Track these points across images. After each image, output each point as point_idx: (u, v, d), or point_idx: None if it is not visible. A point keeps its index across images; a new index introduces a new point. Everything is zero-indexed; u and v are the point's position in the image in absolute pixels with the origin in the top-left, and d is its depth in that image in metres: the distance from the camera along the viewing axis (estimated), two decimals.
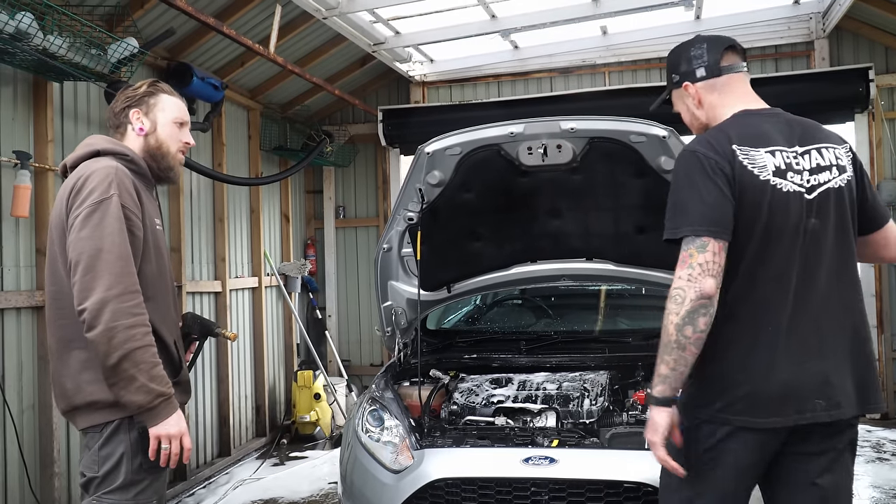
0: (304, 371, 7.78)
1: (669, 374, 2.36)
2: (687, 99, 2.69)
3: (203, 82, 6.15)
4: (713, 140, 2.46)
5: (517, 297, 5.52)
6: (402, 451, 3.59)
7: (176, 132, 2.89)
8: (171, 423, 2.54)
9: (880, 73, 7.53)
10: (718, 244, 2.33)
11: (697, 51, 2.66)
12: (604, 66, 8.39)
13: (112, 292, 2.45)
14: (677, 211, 2.42)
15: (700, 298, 2.29)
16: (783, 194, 2.41)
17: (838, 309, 2.46)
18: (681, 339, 2.31)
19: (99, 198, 2.55)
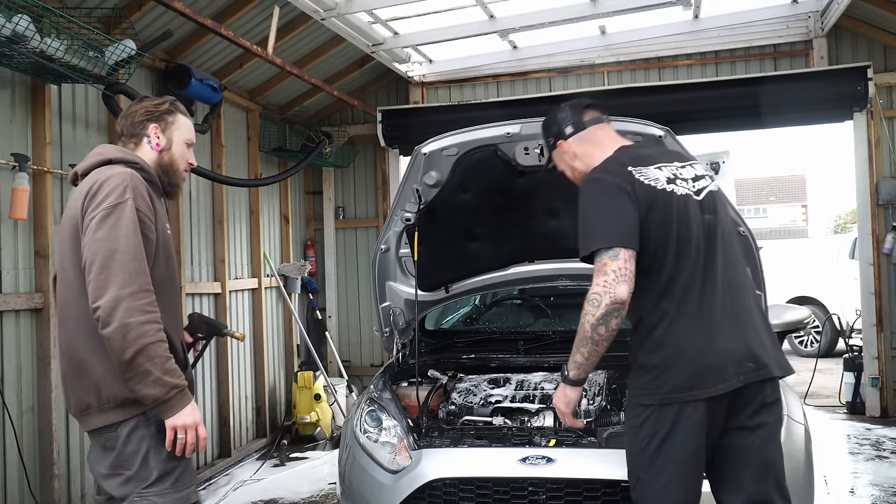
0: (304, 372, 7.79)
1: (583, 363, 2.80)
2: (564, 155, 3.09)
3: (201, 84, 6.16)
4: (609, 167, 2.86)
5: (515, 297, 5.52)
6: (400, 451, 3.60)
7: (185, 152, 3.04)
8: (185, 414, 2.63)
9: (879, 71, 7.54)
10: (628, 253, 2.66)
11: (562, 114, 3.10)
12: (602, 66, 8.39)
13: (126, 290, 2.54)
14: (588, 230, 2.76)
15: (614, 303, 2.63)
16: (680, 197, 2.81)
17: (740, 289, 2.87)
18: (595, 336, 2.70)
19: (115, 201, 2.65)
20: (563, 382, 2.92)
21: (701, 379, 2.68)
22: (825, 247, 14.28)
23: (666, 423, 2.71)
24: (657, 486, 2.75)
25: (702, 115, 7.59)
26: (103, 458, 2.75)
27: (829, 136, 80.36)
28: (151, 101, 3.01)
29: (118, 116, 3.08)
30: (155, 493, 2.68)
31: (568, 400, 2.94)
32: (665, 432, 2.72)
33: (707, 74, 8.12)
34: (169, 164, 2.98)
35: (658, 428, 2.73)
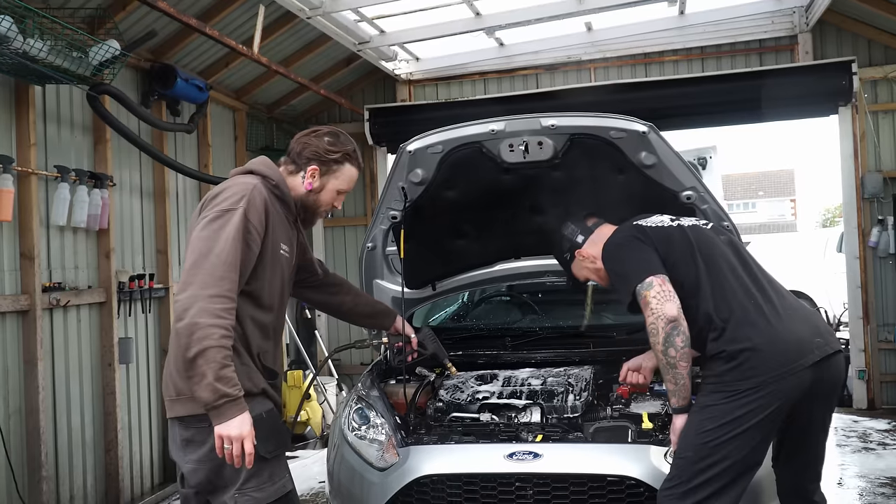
0: (294, 371, 7.77)
1: (676, 389, 2.93)
2: (584, 261, 3.37)
3: (187, 83, 6.16)
4: (619, 231, 3.26)
5: (503, 294, 5.53)
6: (387, 448, 3.60)
7: (334, 198, 3.09)
8: (233, 425, 2.59)
9: (863, 66, 7.58)
10: (659, 278, 2.91)
11: (567, 229, 3.45)
12: (589, 63, 8.42)
13: (206, 291, 2.59)
14: (620, 281, 3.07)
15: (668, 323, 2.82)
16: (690, 227, 3.19)
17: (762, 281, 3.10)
18: (669, 360, 2.85)
19: (228, 206, 2.73)
20: (673, 414, 3.04)
21: (784, 359, 2.84)
22: (813, 241, 14.39)
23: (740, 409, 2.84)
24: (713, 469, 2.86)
25: (688, 110, 7.62)
26: (190, 451, 2.78)
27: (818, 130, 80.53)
28: (330, 144, 3.02)
29: (295, 135, 3.12)
30: (253, 489, 2.74)
31: (675, 429, 3.02)
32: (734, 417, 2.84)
33: (693, 70, 8.15)
34: (312, 203, 3.04)
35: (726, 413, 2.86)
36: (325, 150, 3.00)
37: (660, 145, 3.61)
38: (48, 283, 5.04)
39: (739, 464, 2.87)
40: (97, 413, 5.54)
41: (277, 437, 2.88)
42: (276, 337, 3.05)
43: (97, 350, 5.56)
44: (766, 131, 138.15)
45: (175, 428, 2.84)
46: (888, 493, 5.34)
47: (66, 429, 5.22)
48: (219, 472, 2.74)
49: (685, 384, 2.89)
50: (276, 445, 2.84)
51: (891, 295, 7.73)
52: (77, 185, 5.21)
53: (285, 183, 2.97)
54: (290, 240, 3.03)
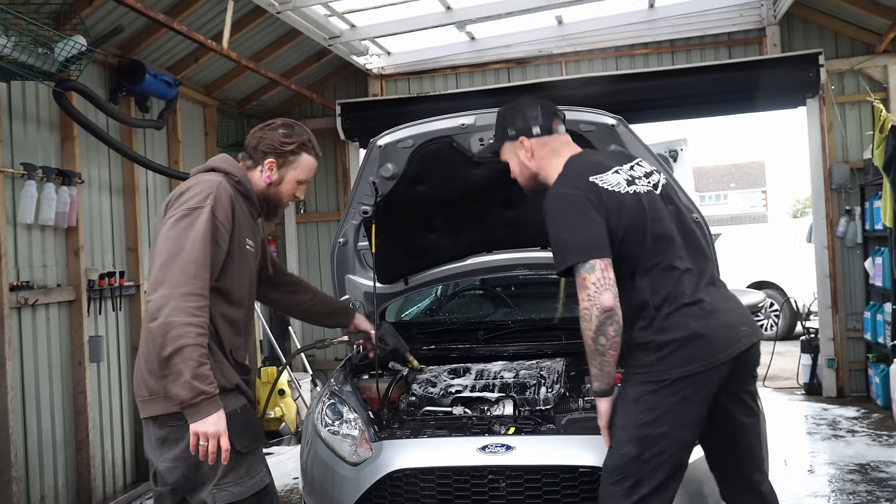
0: (267, 367, 7.76)
1: (599, 374, 2.85)
2: (520, 150, 3.13)
3: (156, 79, 6.11)
4: (572, 181, 2.93)
5: (477, 288, 5.54)
6: (360, 443, 3.60)
7: (294, 188, 3.10)
8: (209, 422, 2.61)
9: (830, 58, 7.67)
10: (604, 262, 2.76)
11: (532, 112, 3.14)
12: (560, 56, 8.45)
13: (179, 290, 2.60)
14: (561, 247, 2.85)
15: (603, 313, 2.73)
16: (644, 195, 2.95)
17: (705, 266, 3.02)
18: (598, 347, 2.77)
19: (194, 205, 2.73)
20: (598, 397, 2.94)
21: (715, 348, 2.82)
22: (783, 231, 14.52)
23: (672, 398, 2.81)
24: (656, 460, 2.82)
25: (659, 103, 7.68)
26: (166, 450, 2.78)
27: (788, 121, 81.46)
28: (284, 134, 3.03)
29: (251, 129, 3.13)
30: (231, 483, 2.75)
31: (600, 412, 2.96)
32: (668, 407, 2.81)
33: (663, 63, 8.21)
34: (273, 196, 3.05)
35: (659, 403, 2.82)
36: (281, 142, 3.01)
37: (628, 138, 3.64)
38: (16, 282, 4.98)
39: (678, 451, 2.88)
40: (68, 412, 5.49)
41: (252, 432, 2.89)
42: (246, 332, 3.06)
43: (67, 349, 5.50)
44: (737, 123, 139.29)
45: (150, 427, 2.83)
46: (857, 479, 5.42)
47: (37, 428, 5.16)
48: (196, 470, 2.74)
49: (610, 371, 2.83)
50: (252, 440, 2.87)
51: (858, 284, 7.84)
52: (44, 183, 5.15)
53: (248, 179, 2.99)
54: (255, 235, 3.06)
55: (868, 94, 7.47)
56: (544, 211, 2.93)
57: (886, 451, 6.02)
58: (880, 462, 5.77)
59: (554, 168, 3.05)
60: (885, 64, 7.65)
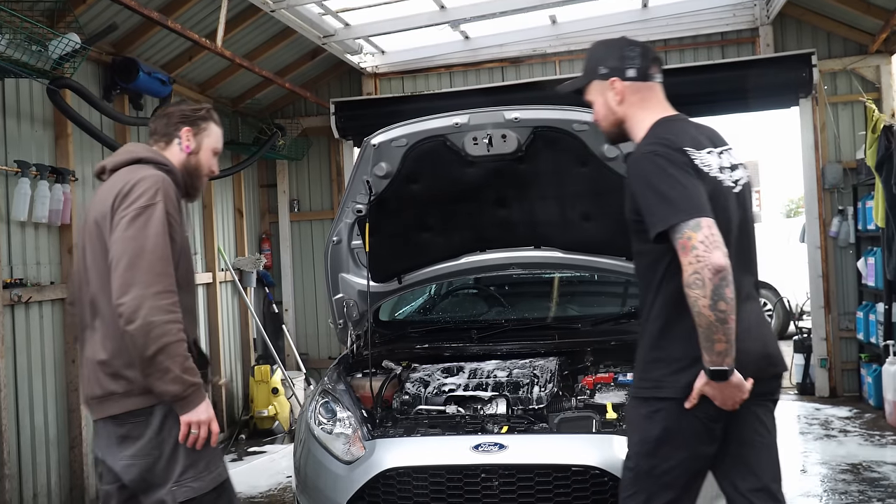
0: (261, 366, 7.76)
1: (727, 346, 2.42)
2: (609, 93, 2.79)
3: (150, 77, 6.10)
4: (666, 141, 2.57)
5: (471, 287, 5.56)
6: (354, 442, 3.62)
7: (211, 159, 3.11)
8: (201, 410, 2.73)
9: (823, 58, 7.69)
10: (709, 220, 2.41)
11: (631, 52, 2.79)
12: (554, 56, 8.45)
13: (151, 290, 2.63)
14: (658, 204, 2.47)
15: (717, 273, 2.35)
16: (727, 189, 2.62)
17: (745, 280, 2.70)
18: (719, 315, 2.37)
19: (147, 202, 2.72)
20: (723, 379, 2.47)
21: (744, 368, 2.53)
22: (777, 231, 14.55)
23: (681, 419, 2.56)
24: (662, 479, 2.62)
25: None
26: (126, 447, 2.77)
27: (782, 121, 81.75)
28: (189, 106, 3.09)
29: (151, 115, 3.17)
30: (191, 479, 2.76)
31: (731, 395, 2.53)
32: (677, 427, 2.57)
33: None
34: (195, 167, 3.05)
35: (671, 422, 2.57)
36: (191, 110, 3.07)
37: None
38: (9, 280, 4.97)
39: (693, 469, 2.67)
40: (61, 410, 5.48)
41: None
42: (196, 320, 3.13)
43: (60, 346, 5.49)
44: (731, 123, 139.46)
45: (108, 426, 2.82)
46: (849, 478, 5.45)
47: (30, 426, 5.16)
48: (151, 469, 2.75)
49: (733, 343, 2.42)
50: None
51: (851, 284, 7.87)
52: (38, 181, 5.14)
53: (173, 164, 2.99)
54: (187, 220, 3.06)
55: (861, 94, 7.49)
56: (630, 168, 2.65)
57: (878, 451, 6.04)
58: (872, 462, 5.80)
59: (641, 122, 2.75)
60: (878, 64, 7.67)
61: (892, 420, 6.61)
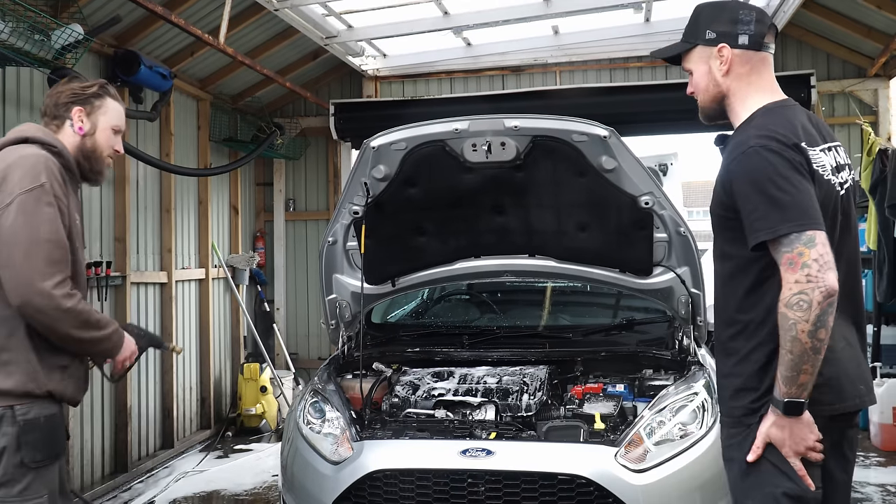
0: (250, 364, 7.76)
1: (810, 380, 2.17)
2: (714, 61, 2.43)
3: (151, 71, 6.09)
4: (779, 137, 2.25)
5: (464, 293, 5.58)
6: (342, 442, 3.63)
7: (111, 139, 2.92)
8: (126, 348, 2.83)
9: (822, 79, 7.73)
10: (823, 235, 2.15)
11: (746, 16, 2.41)
12: (555, 66, 8.48)
13: (52, 281, 2.52)
14: (767, 209, 2.18)
15: (827, 297, 2.11)
16: (836, 192, 2.34)
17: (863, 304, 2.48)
18: (816, 344, 2.13)
19: (30, 186, 2.56)
20: (795, 414, 2.19)
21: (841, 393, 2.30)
22: None
23: None
24: None
25: (651, 116, 7.73)
26: None
27: None
28: (80, 83, 2.88)
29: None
30: None
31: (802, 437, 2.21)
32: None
33: (657, 77, 8.25)
34: (91, 150, 2.85)
35: None
36: (81, 87, 2.85)
37: (620, 150, 3.68)
38: None
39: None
40: None
41: (49, 447, 2.63)
42: None
43: None
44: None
45: None
46: None
47: None
48: None
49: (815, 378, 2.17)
50: (46, 455, 2.60)
51: None
52: None
53: (64, 146, 2.78)
54: (79, 208, 2.88)
55: (857, 117, 7.53)
56: (733, 162, 2.30)
57: (862, 472, 6.06)
58: (856, 482, 5.79)
59: (746, 101, 2.42)
60: (876, 87, 7.73)
61: (876, 441, 6.64)
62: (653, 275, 4.18)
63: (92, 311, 2.68)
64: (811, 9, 7.06)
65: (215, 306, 7.91)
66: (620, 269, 4.24)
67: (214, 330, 7.85)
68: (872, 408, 6.67)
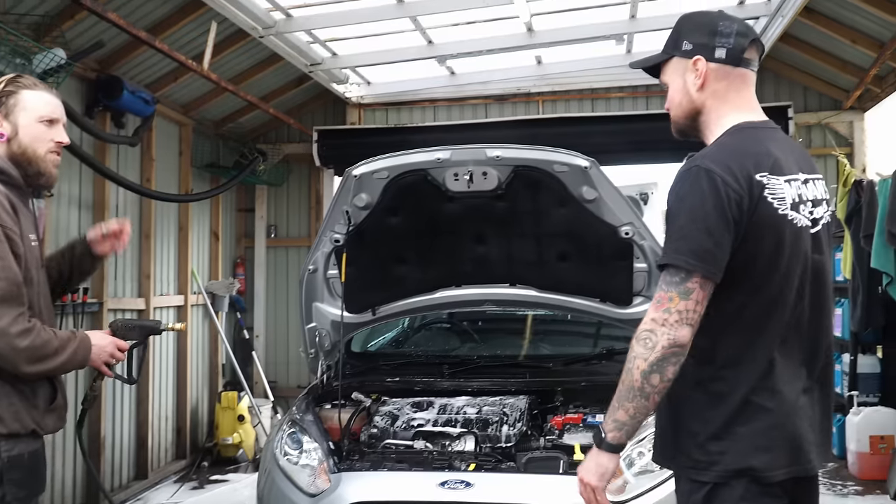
0: (228, 392, 7.67)
1: (628, 422, 2.15)
2: (689, 74, 2.29)
3: (133, 96, 6.08)
4: (732, 164, 2.12)
5: (444, 321, 5.56)
6: (319, 474, 3.58)
7: (43, 132, 2.65)
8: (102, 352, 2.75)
9: (799, 111, 7.83)
10: (704, 293, 2.08)
11: (726, 28, 2.26)
12: (538, 95, 8.54)
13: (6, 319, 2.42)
14: (677, 235, 2.13)
15: (672, 346, 2.07)
16: (797, 230, 2.19)
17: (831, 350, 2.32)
18: (646, 387, 2.09)
19: None
20: (599, 448, 2.22)
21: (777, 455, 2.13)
22: None
23: None
24: None
25: (632, 146, 7.79)
26: None
27: None
28: None
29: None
30: None
31: (603, 471, 2.21)
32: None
33: (638, 107, 8.33)
34: (21, 153, 2.61)
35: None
36: None
37: (601, 181, 3.69)
38: None
39: None
40: None
41: (32, 485, 2.59)
42: None
43: None
44: None
45: None
46: None
47: None
48: None
49: (639, 423, 2.16)
50: (28, 494, 2.57)
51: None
52: None
53: (6, 161, 2.59)
54: (34, 225, 2.73)
55: (834, 148, 7.62)
56: (677, 176, 2.21)
57: (840, 501, 6.07)
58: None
59: (721, 120, 2.28)
60: (852, 120, 7.85)
61: (854, 470, 6.65)
62: (633, 304, 4.18)
63: (49, 342, 2.52)
64: (789, 42, 7.16)
65: (194, 333, 7.84)
66: (601, 299, 4.24)
67: (192, 357, 7.77)
68: (850, 436, 6.70)
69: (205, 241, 8.20)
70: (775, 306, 2.16)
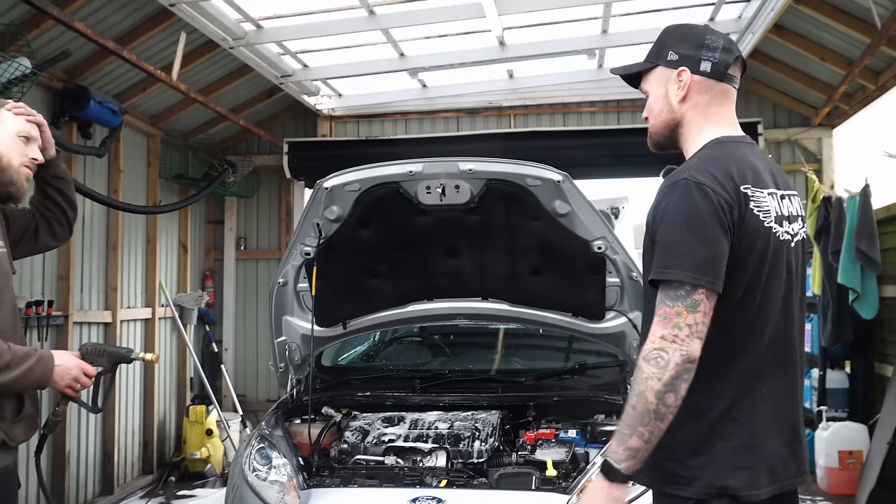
0: (196, 406, 7.57)
1: (642, 448, 2.04)
2: (673, 85, 2.29)
3: (100, 106, 6.01)
4: (718, 174, 2.11)
5: (416, 335, 5.52)
6: (288, 490, 3.53)
7: (20, 146, 2.69)
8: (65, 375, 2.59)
9: (768, 127, 7.93)
10: (710, 304, 2.05)
11: (713, 42, 2.26)
12: (510, 109, 8.56)
13: None
14: (674, 249, 2.07)
15: (686, 362, 2.01)
16: (780, 243, 2.19)
17: (801, 366, 2.31)
18: (661, 408, 2.01)
19: None
20: (612, 481, 2.07)
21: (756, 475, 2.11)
22: None
23: None
24: None
25: (603, 160, 7.81)
26: None
27: None
28: None
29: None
30: None
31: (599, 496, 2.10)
32: None
33: (609, 122, 8.38)
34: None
35: None
36: None
37: (573, 195, 3.69)
38: None
39: None
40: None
41: (4, 499, 2.59)
42: None
43: None
44: None
45: None
46: None
47: None
48: None
49: (651, 447, 2.04)
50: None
51: None
52: None
53: None
54: (3, 234, 2.71)
55: (803, 165, 7.71)
56: (662, 191, 2.18)
57: None
58: None
59: (701, 133, 2.28)
60: (820, 136, 7.95)
61: (823, 485, 6.69)
62: (605, 319, 4.18)
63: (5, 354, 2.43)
64: (759, 59, 7.24)
65: (161, 347, 7.73)
66: (573, 314, 4.24)
67: (160, 371, 7.66)
68: (819, 451, 6.74)
69: (173, 253, 8.10)
70: (757, 320, 2.15)
